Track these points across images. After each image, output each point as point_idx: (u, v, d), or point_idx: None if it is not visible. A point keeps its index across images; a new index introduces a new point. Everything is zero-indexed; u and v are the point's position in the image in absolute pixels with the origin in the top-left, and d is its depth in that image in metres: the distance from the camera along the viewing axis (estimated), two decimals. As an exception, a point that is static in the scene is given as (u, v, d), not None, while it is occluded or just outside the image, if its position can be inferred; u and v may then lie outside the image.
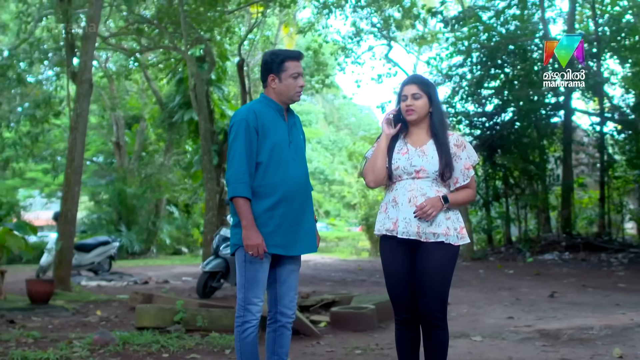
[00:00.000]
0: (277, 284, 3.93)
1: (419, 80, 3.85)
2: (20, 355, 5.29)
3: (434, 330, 3.72)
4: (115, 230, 23.38)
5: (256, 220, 3.72)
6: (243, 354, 3.80)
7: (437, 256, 3.69)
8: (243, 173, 3.71)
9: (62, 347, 5.66)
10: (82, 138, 10.57)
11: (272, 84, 3.88)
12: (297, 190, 3.84)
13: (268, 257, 3.80)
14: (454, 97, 19.10)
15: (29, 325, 7.20)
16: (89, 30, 10.52)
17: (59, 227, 10.71)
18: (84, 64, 10.55)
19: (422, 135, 3.82)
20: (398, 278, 3.78)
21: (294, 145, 3.90)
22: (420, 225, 3.67)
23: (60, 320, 7.76)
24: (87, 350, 5.58)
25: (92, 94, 10.95)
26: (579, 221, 19.31)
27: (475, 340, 6.22)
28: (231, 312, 6.92)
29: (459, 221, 3.78)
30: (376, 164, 3.77)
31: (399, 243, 3.73)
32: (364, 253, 27.80)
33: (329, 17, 19.78)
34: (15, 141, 18.56)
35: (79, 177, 10.61)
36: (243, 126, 3.76)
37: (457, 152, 3.78)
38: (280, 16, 24.30)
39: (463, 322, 7.51)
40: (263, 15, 19.28)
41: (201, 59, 21.37)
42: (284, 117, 3.93)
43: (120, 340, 5.87)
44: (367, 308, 7.04)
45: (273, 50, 4.14)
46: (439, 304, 3.71)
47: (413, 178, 3.73)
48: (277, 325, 3.95)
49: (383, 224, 3.78)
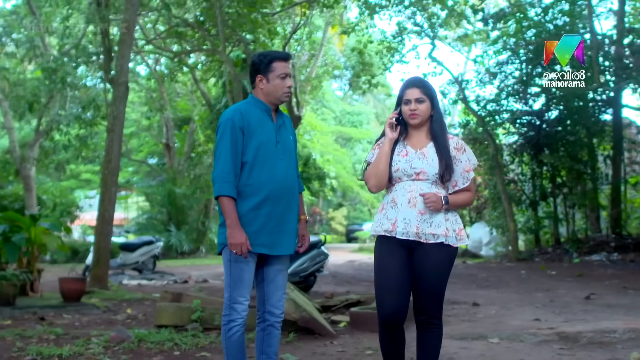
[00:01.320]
0: (264, 283, 3.95)
1: (422, 84, 3.82)
2: (35, 351, 5.44)
3: (430, 329, 3.76)
4: (165, 230, 23.79)
5: (241, 220, 3.74)
6: (229, 352, 3.83)
7: (436, 257, 3.68)
8: (228, 172, 3.74)
9: (79, 344, 5.79)
10: (119, 140, 10.80)
11: (260, 85, 3.90)
12: (282, 190, 3.85)
13: (254, 257, 3.82)
14: (500, 95, 18.82)
15: (57, 322, 7.41)
16: (124, 34, 10.73)
17: (96, 227, 10.97)
18: (120, 67, 10.78)
19: (422, 138, 3.80)
20: (392, 279, 3.71)
21: (282, 146, 3.91)
22: (419, 226, 3.65)
23: (89, 317, 7.95)
24: (102, 347, 5.70)
25: (128, 96, 11.15)
26: (631, 221, 18.74)
27: (492, 342, 6.11)
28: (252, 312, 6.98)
29: (457, 223, 3.76)
30: (379, 168, 3.75)
31: (397, 244, 3.70)
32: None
33: (372, 17, 19.69)
34: (65, 144, 19.07)
35: (116, 178, 10.84)
36: (229, 126, 3.79)
37: (457, 155, 3.76)
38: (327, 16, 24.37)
39: (487, 323, 7.40)
40: (305, 15, 19.32)
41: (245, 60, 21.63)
42: (272, 117, 3.93)
43: (136, 338, 5.97)
44: (386, 308, 6.97)
45: (261, 51, 4.16)
46: (436, 303, 3.73)
47: (413, 180, 3.72)
48: (265, 325, 3.97)
49: (381, 224, 3.75)
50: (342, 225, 45.10)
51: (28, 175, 20.49)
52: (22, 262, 9.12)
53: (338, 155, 37.12)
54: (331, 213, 45.12)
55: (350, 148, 43.42)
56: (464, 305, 9.10)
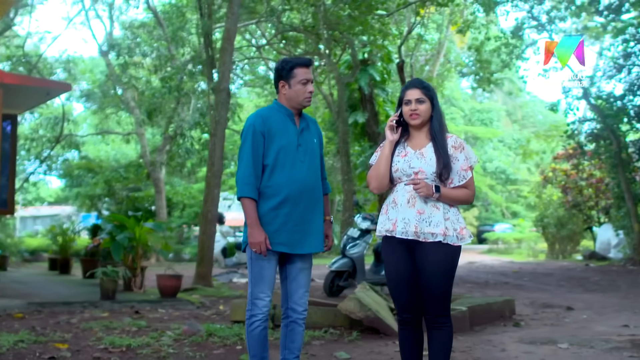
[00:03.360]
0: (287, 281, 4.09)
1: (422, 85, 3.84)
2: (109, 341, 5.87)
3: (436, 328, 3.75)
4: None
5: (262, 219, 3.91)
6: (250, 345, 3.99)
7: (435, 256, 3.68)
8: (249, 175, 3.92)
9: (153, 336, 6.19)
10: (221, 144, 11.27)
11: (283, 90, 4.04)
12: (302, 191, 3.97)
13: (274, 255, 3.97)
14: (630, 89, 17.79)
15: (149, 316, 7.88)
16: (225, 42, 11.20)
17: (200, 227, 11.50)
18: (222, 74, 11.25)
19: (422, 139, 3.82)
20: (399, 278, 3.80)
21: (303, 149, 4.03)
22: (418, 225, 3.67)
23: (181, 312, 8.39)
24: (172, 340, 6.05)
25: (229, 102, 11.62)
26: None
27: (560, 348, 5.91)
28: (324, 310, 7.12)
29: (459, 222, 3.75)
30: (379, 170, 3.80)
31: (398, 243, 3.75)
32: (542, 255, 26.69)
33: (489, 13, 19.25)
34: (189, 148, 20.08)
35: (219, 180, 11.32)
36: (251, 131, 3.97)
37: (454, 154, 3.75)
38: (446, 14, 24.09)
39: (569, 328, 7.14)
40: (419, 15, 19.21)
41: (364, 62, 21.79)
42: (295, 121, 4.06)
43: (206, 333, 6.29)
44: (457, 310, 6.90)
45: (284, 58, 4.30)
46: (440, 302, 3.72)
47: (412, 179, 3.73)
48: (288, 321, 4.10)
49: (383, 225, 3.81)
50: (474, 226, 44.19)
51: (158, 178, 21.74)
52: (127, 259, 9.74)
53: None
54: (462, 214, 44.26)
55: (480, 147, 42.57)
56: (557, 309, 8.79)
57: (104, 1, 22.08)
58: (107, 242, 9.82)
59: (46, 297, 8.95)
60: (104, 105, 24.62)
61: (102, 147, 33.44)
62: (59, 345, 5.74)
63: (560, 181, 22.84)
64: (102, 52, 22.34)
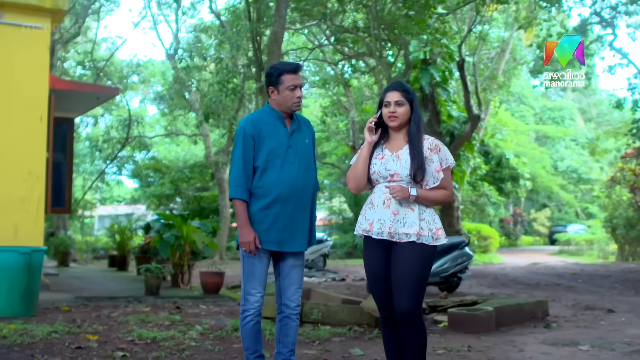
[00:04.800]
0: (280, 278, 4.25)
1: (402, 87, 3.93)
2: (138, 334, 6.17)
3: (407, 327, 3.78)
4: (352, 231, 24.59)
5: (253, 218, 4.08)
6: (244, 338, 4.18)
7: (408, 255, 3.76)
8: (239, 177, 4.10)
9: (181, 330, 6.45)
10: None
11: (272, 95, 4.21)
12: (291, 192, 4.12)
13: (265, 253, 4.13)
14: None
15: (188, 312, 8.18)
16: (272, 45, 11.44)
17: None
18: (269, 77, 11.48)
19: (400, 140, 3.91)
20: (375, 277, 3.91)
21: (293, 150, 4.18)
22: (392, 226, 3.77)
23: (220, 308, 8.65)
24: (198, 334, 6.30)
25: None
26: None
27: (580, 349, 5.85)
28: (350, 308, 7.24)
29: (434, 222, 3.83)
30: (357, 171, 3.92)
31: (376, 243, 3.86)
32: (612, 257, 25.94)
33: (551, 10, 18.89)
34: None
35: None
36: (241, 135, 4.15)
37: (429, 156, 3.83)
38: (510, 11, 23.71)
39: (600, 331, 7.01)
40: (478, 13, 19.00)
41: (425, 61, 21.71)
42: (286, 124, 4.21)
43: (232, 328, 6.51)
44: (483, 310, 6.91)
45: (273, 64, 4.44)
46: (410, 301, 3.75)
47: (388, 181, 3.84)
48: (282, 316, 4.27)
49: (361, 224, 3.94)
50: (545, 226, 43.23)
51: (221, 178, 22.26)
52: (175, 256, 10.10)
53: (536, 155, 35.74)
54: (533, 214, 43.44)
55: (551, 146, 41.58)
56: (598, 311, 8.64)
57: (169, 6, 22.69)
58: (156, 240, 10.22)
59: (95, 291, 9.41)
60: (171, 107, 25.37)
61: (172, 148, 34.39)
62: (89, 336, 6.07)
63: (629, 181, 22.16)
64: (168, 56, 23.05)
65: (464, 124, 22.43)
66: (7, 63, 8.70)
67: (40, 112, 8.78)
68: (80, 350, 5.47)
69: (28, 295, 7.36)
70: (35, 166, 8.72)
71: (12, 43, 8.68)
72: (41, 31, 8.70)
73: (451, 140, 22.98)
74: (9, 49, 8.69)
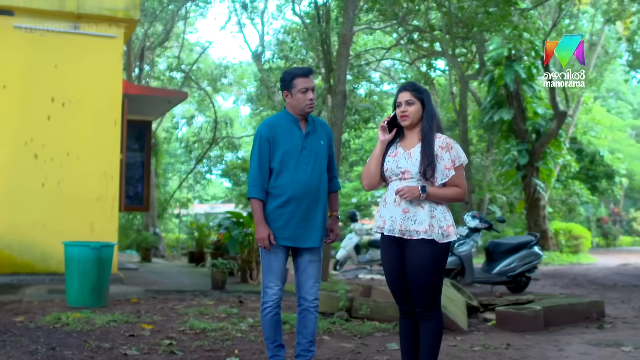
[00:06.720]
0: (298, 272, 4.51)
1: (413, 87, 4.09)
2: (190, 324, 6.54)
3: (424, 321, 3.98)
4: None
5: (269, 217, 4.36)
6: (264, 329, 4.47)
7: (419, 252, 3.91)
8: (255, 177, 4.38)
9: (233, 322, 6.79)
10: (338, 145, 11.71)
11: (287, 99, 4.47)
12: (305, 191, 4.36)
13: (282, 249, 4.40)
14: None
15: (250, 305, 8.51)
16: (341, 46, 11.67)
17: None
18: (338, 77, 11.72)
19: (414, 139, 4.05)
20: (391, 273, 4.09)
21: (308, 152, 4.42)
22: (402, 224, 3.93)
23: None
24: (247, 326, 6.62)
25: (345, 104, 12.07)
26: None
27: (623, 351, 5.78)
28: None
29: (445, 219, 3.94)
30: (370, 169, 4.11)
31: (390, 240, 4.03)
32: None
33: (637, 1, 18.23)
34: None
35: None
36: (258, 138, 4.44)
37: (440, 154, 3.95)
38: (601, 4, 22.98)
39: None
40: (560, 7, 18.58)
41: (509, 58, 21.39)
42: (301, 126, 4.44)
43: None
44: (530, 309, 6.89)
45: (287, 69, 4.69)
46: (427, 296, 3.94)
47: (400, 179, 3.99)
48: (301, 309, 4.53)
49: (376, 222, 4.12)
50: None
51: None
52: (244, 253, 10.50)
53: (633, 152, 34.35)
54: (633, 214, 41.69)
55: (650, 142, 39.75)
56: (665, 312, 8.40)
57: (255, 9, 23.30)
58: (225, 237, 10.65)
59: (165, 285, 9.92)
60: (258, 107, 26.00)
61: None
62: (145, 325, 6.50)
63: None
64: (254, 58, 23.68)
65: (550, 121, 21.95)
66: (84, 70, 9.33)
67: (114, 116, 9.37)
68: (132, 338, 5.89)
69: (98, 287, 7.88)
70: (110, 167, 9.32)
71: (88, 52, 9.31)
72: (115, 40, 9.28)
73: (537, 138, 22.53)
74: (85, 58, 9.33)
